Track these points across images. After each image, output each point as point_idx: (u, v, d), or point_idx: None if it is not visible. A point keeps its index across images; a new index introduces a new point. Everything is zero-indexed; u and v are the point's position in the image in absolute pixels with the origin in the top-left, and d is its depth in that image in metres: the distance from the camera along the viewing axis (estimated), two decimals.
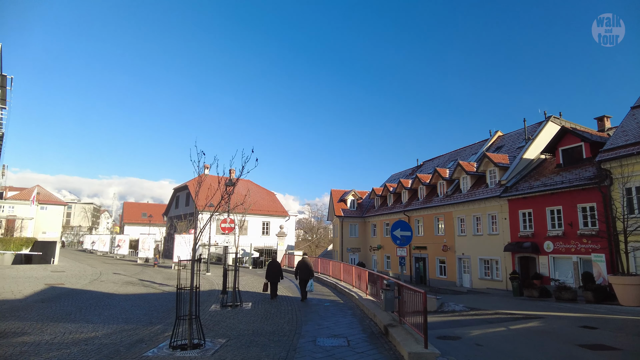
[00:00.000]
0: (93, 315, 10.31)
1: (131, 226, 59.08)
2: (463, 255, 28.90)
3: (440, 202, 31.37)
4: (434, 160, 42.04)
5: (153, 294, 14.99)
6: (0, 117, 26.78)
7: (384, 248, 39.48)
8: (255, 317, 10.56)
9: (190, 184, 42.78)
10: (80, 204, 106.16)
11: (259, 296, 14.82)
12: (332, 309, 12.23)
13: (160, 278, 20.75)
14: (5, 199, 68.41)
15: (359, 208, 43.90)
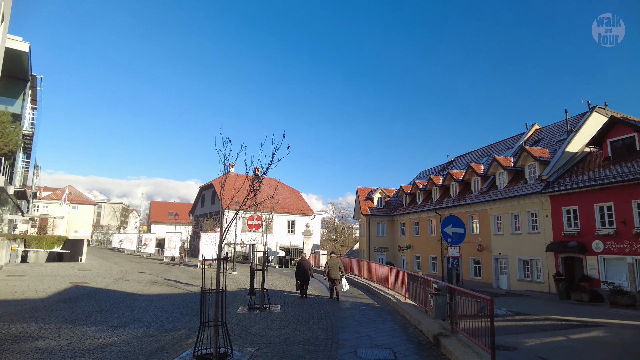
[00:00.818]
0: (114, 318, 9.64)
1: (158, 225, 59.59)
2: (500, 255, 27.30)
3: (475, 199, 29.81)
4: (466, 156, 40.29)
5: (177, 294, 14.35)
6: (31, 117, 26.98)
7: (413, 248, 38.10)
8: (286, 322, 9.67)
9: (215, 182, 42.50)
10: (109, 204, 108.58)
11: (288, 297, 13.95)
12: (369, 313, 11.22)
13: (185, 277, 20.22)
14: (40, 198, 70.51)
15: (387, 206, 42.61)
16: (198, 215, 45.82)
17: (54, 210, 64.73)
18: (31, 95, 27.58)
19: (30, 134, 26.33)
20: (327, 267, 14.10)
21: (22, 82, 24.36)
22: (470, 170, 31.45)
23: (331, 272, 13.91)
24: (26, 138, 26.01)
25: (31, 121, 26.65)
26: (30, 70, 23.91)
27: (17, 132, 21.98)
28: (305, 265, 14.22)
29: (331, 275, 13.90)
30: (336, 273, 13.92)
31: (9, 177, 23.00)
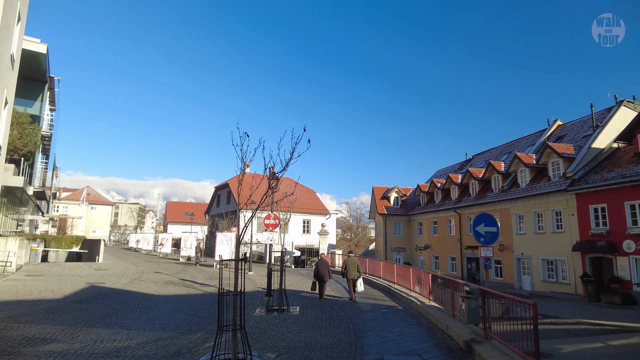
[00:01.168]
0: (129, 320, 9.37)
1: (174, 225, 59.94)
2: (522, 256, 26.44)
3: (496, 197, 28.96)
4: (485, 153, 39.35)
5: (194, 295, 14.08)
6: (50, 118, 27.20)
7: (431, 248, 37.35)
8: (306, 325, 9.26)
9: (231, 182, 42.43)
10: (126, 204, 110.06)
11: (306, 299, 13.55)
12: (392, 316, 10.73)
13: (201, 278, 20.01)
14: (59, 199, 71.76)
15: (403, 205, 41.90)
16: (214, 215, 45.84)
17: (73, 211, 65.76)
18: (49, 97, 27.80)
19: (49, 135, 26.52)
20: (344, 267, 13.97)
21: (40, 84, 24.53)
22: (491, 168, 30.59)
23: (349, 272, 13.75)
24: (45, 139, 26.22)
25: (50, 122, 26.86)
26: (48, 72, 24.05)
27: (35, 133, 22.11)
28: (324, 265, 14.08)
29: (349, 276, 13.73)
30: (354, 273, 13.73)
31: (29, 178, 23.15)
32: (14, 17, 13.35)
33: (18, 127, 20.99)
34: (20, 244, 20.82)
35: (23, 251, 21.69)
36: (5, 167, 19.31)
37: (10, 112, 15.93)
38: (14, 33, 13.82)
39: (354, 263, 13.87)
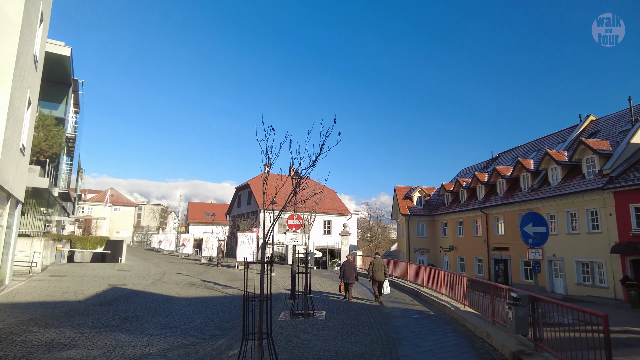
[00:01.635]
0: (150, 324, 9.02)
1: (196, 225, 60.30)
2: (554, 257, 25.23)
3: (525, 196, 27.79)
4: (512, 151, 37.99)
5: (216, 297, 13.72)
6: (74, 120, 27.49)
7: (456, 249, 36.27)
8: (335, 332, 8.71)
9: (251, 182, 42.28)
10: (149, 205, 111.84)
11: (331, 302, 13.01)
12: (425, 322, 10.07)
13: (223, 279, 19.70)
14: (84, 201, 73.39)
15: (427, 205, 40.89)
16: (235, 216, 45.83)
17: (97, 212, 67.08)
18: (73, 99, 28.11)
19: (73, 137, 26.78)
20: (370, 269, 13.66)
21: (64, 87, 24.76)
22: (519, 166, 29.40)
23: (375, 274, 13.45)
24: (69, 141, 26.49)
25: (74, 125, 27.12)
26: (73, 75, 24.24)
27: (60, 135, 22.28)
28: (350, 266, 13.90)
29: (375, 277, 13.45)
30: (381, 275, 13.44)
31: (54, 179, 23.36)
32: (37, 17, 13.29)
33: (43, 130, 21.18)
34: (46, 244, 20.97)
35: (48, 251, 21.86)
36: (31, 168, 19.47)
37: (35, 113, 15.98)
38: (37, 33, 13.78)
39: (380, 264, 13.60)
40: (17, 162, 12.51)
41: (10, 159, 11.18)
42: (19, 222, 15.05)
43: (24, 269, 18.03)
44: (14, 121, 11.09)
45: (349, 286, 13.78)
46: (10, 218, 13.39)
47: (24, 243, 18.37)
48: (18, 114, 11.75)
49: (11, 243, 14.04)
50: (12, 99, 10.46)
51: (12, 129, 11.02)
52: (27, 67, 12.44)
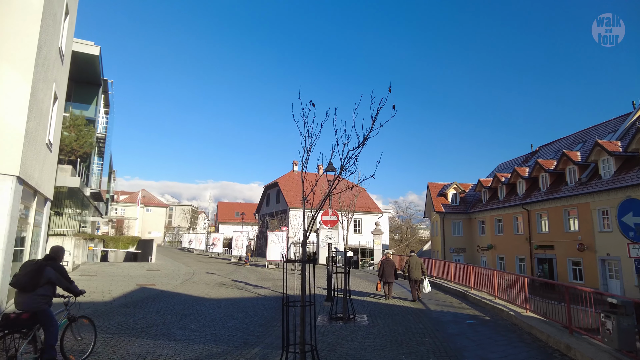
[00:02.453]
0: (177, 328, 8.25)
1: (225, 225, 60.39)
2: (608, 257, 23.23)
3: (572, 191, 25.80)
4: (554, 144, 35.73)
5: (247, 298, 12.93)
6: (105, 121, 27.55)
7: (495, 248, 34.37)
8: (382, 340, 7.68)
9: (280, 181, 41.69)
10: (180, 206, 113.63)
11: (370, 305, 11.97)
12: (482, 329, 8.88)
13: (254, 279, 18.97)
14: (117, 202, 75.12)
15: (462, 203, 39.07)
16: (264, 215, 45.37)
17: (130, 213, 68.40)
18: (104, 100, 28.18)
19: (103, 136, 26.81)
20: (407, 268, 13.36)
21: (94, 87, 24.70)
22: (565, 159, 27.40)
23: (412, 273, 13.13)
24: (100, 141, 26.53)
25: (104, 125, 27.15)
26: (102, 75, 24.16)
27: (91, 135, 22.21)
28: (389, 265, 13.45)
29: (412, 276, 13.14)
30: (418, 274, 13.12)
31: (85, 179, 23.30)
32: (61, 8, 12.88)
33: (75, 129, 21.15)
34: (77, 243, 20.88)
35: (80, 251, 21.80)
36: (62, 168, 19.37)
37: (62, 110, 15.68)
38: (62, 26, 13.39)
39: (417, 263, 13.29)
40: (43, 158, 12.10)
41: (34, 153, 10.72)
42: (48, 221, 14.74)
43: None
44: (37, 114, 10.62)
45: (389, 285, 13.42)
46: (38, 216, 13.04)
47: (55, 242, 18.24)
48: (43, 107, 11.31)
49: (40, 242, 13.70)
50: (34, 90, 9.97)
51: (36, 122, 10.56)
52: (52, 59, 12.00)
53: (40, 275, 5.23)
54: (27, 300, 5.14)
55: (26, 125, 9.43)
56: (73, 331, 6.10)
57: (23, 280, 5.16)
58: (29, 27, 9.73)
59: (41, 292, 5.22)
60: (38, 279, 5.20)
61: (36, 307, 5.15)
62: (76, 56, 19.40)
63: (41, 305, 5.21)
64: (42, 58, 10.50)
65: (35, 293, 5.17)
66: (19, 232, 11.02)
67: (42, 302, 5.23)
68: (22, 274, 5.21)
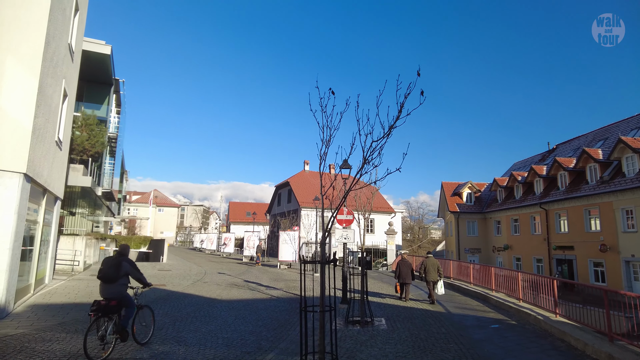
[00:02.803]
0: (188, 332, 7.89)
1: (236, 225, 60.30)
2: (632, 258, 22.34)
3: (593, 190, 24.93)
4: (572, 141, 34.73)
5: (260, 300, 12.55)
6: (116, 120, 27.48)
7: (511, 248, 33.53)
8: (404, 346, 7.21)
9: (291, 180, 41.36)
10: (191, 206, 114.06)
11: (388, 307, 11.49)
12: (509, 334, 8.35)
13: (266, 279, 18.61)
14: (130, 202, 75.61)
15: (477, 202, 38.26)
16: (275, 215, 45.11)
17: (142, 213, 68.73)
18: (115, 100, 28.12)
19: (115, 136, 26.71)
20: (423, 269, 13.18)
21: (106, 87, 24.62)
22: (585, 157, 26.52)
23: (429, 274, 12.95)
24: (111, 141, 26.44)
25: (116, 125, 27.07)
26: (114, 74, 24.05)
27: (102, 134, 22.13)
28: (406, 266, 13.14)
29: (428, 278, 12.95)
30: (434, 275, 12.95)
31: (97, 179, 23.22)
32: (70, 4, 12.66)
33: (86, 129, 21.09)
34: (89, 243, 20.75)
35: (92, 250, 21.69)
36: (74, 167, 19.28)
37: (72, 107, 15.51)
38: (71, 22, 13.18)
39: (433, 264, 13.09)
40: (52, 156, 11.88)
41: (42, 151, 10.48)
42: (58, 220, 14.56)
43: (67, 267, 17.77)
44: (46, 110, 10.38)
45: (406, 286, 13.18)
46: (48, 215, 12.84)
47: (66, 242, 18.13)
48: (52, 103, 11.08)
49: (50, 241, 13.53)
50: (42, 86, 9.72)
51: (44, 119, 10.32)
52: (61, 55, 11.77)
53: (119, 268, 6.32)
54: (113, 289, 6.26)
55: (34, 121, 9.18)
56: (139, 318, 6.97)
57: (108, 273, 6.24)
58: (37, 21, 9.49)
59: (121, 282, 6.37)
60: (119, 271, 6.29)
61: (120, 295, 6.32)
62: (87, 55, 19.29)
63: (123, 292, 6.39)
64: (50, 53, 10.26)
65: (118, 283, 6.31)
66: (28, 231, 10.81)
67: (123, 290, 6.39)
68: (106, 268, 6.29)
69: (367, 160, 4.90)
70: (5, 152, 8.70)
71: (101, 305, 6.00)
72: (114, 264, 6.33)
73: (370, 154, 4.83)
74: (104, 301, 6.09)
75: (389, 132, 4.66)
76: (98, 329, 5.91)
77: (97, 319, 5.90)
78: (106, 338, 5.93)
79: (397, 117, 4.62)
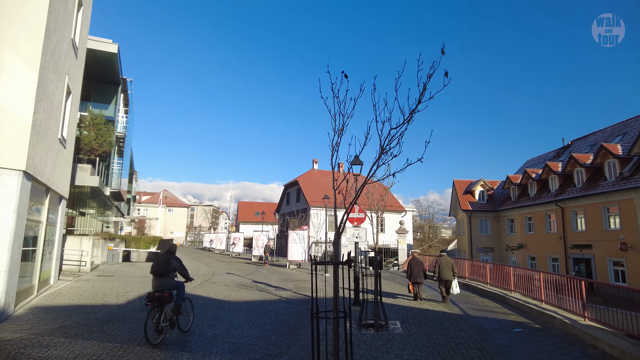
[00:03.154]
0: (192, 336, 7.49)
1: (245, 225, 60.09)
2: None
3: (612, 186, 24.10)
4: (588, 137, 33.77)
5: (269, 301, 12.13)
6: (124, 120, 27.30)
7: (526, 247, 32.72)
8: (422, 352, 6.71)
9: (300, 179, 40.95)
10: (201, 206, 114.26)
11: (403, 310, 10.99)
12: (536, 340, 7.80)
13: (275, 279, 18.20)
14: (140, 202, 75.92)
15: (490, 200, 37.46)
16: (284, 214, 44.74)
17: (152, 213, 68.92)
18: (123, 99, 27.95)
19: (123, 135, 26.52)
20: (437, 268, 12.93)
21: (114, 86, 24.44)
22: (603, 152, 25.66)
23: (443, 273, 12.74)
24: (119, 140, 26.26)
25: (124, 124, 26.89)
26: (121, 73, 23.85)
27: (110, 134, 21.96)
28: (418, 264, 12.87)
29: (443, 277, 12.74)
30: (448, 274, 12.70)
31: (105, 178, 23.04)
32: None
33: (94, 129, 20.95)
34: (96, 243, 20.53)
35: (99, 250, 21.47)
36: (81, 167, 19.08)
37: (77, 105, 15.23)
38: (74, 16, 12.89)
39: (447, 263, 12.86)
40: (55, 154, 11.58)
41: (44, 148, 10.17)
42: (63, 220, 14.30)
43: (74, 268, 17.55)
44: (47, 106, 10.07)
45: (419, 286, 12.95)
46: (52, 214, 12.56)
47: (72, 242, 17.92)
48: (54, 100, 10.77)
49: (55, 241, 13.25)
50: (43, 80, 9.40)
51: (46, 115, 10.00)
52: (63, 50, 11.46)
53: (168, 264, 7.38)
54: (164, 283, 7.31)
55: (33, 116, 8.85)
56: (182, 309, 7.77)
57: (160, 269, 7.28)
58: (36, 12, 9.14)
59: (171, 276, 7.49)
60: (168, 267, 7.35)
61: (170, 287, 7.40)
62: (94, 54, 19.10)
63: (172, 284, 7.49)
64: (51, 47, 9.94)
65: (168, 277, 7.39)
66: (30, 231, 10.52)
67: (172, 283, 7.50)
68: (158, 265, 7.34)
69: (384, 150, 4.42)
70: (4, 149, 8.38)
71: (155, 297, 6.89)
72: (164, 260, 7.39)
73: (388, 143, 4.35)
74: (157, 293, 7.00)
75: (410, 117, 4.17)
76: (152, 317, 6.77)
77: (152, 308, 6.78)
78: (160, 325, 6.81)
79: (419, 99, 4.13)
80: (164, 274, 7.23)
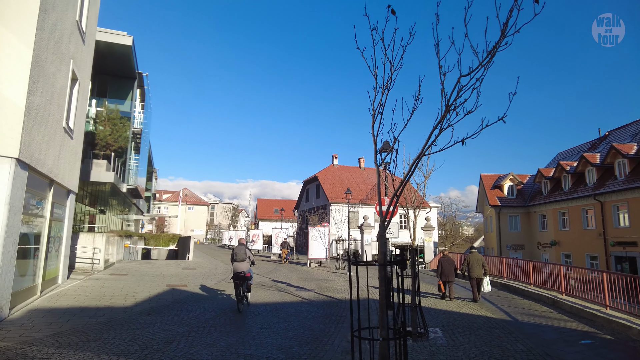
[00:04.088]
0: (202, 347, 6.43)
1: (265, 222, 59.39)
2: None
3: None
4: (628, 127, 31.48)
5: (289, 303, 11.04)
6: (141, 116, 26.69)
7: (559, 245, 30.75)
8: None
9: (320, 175, 39.82)
10: (221, 205, 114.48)
11: (441, 314, 9.73)
12: (613, 356, 6.44)
13: (295, 279, 17.12)
14: (160, 201, 76.22)
15: (520, 195, 35.52)
16: (303, 211, 43.69)
17: (173, 211, 69.02)
18: (139, 94, 27.33)
19: (139, 131, 25.90)
20: (466, 265, 12.51)
21: (129, 81, 23.79)
22: None
23: (473, 271, 12.28)
24: (136, 136, 25.65)
25: (141, 120, 26.29)
26: (137, 68, 23.18)
27: (125, 129, 21.37)
28: (448, 263, 12.38)
29: (473, 274, 12.27)
30: (479, 271, 12.26)
31: (121, 175, 22.43)
32: None
33: (109, 124, 20.40)
34: (111, 240, 19.85)
35: (115, 248, 20.81)
36: (97, 162, 18.44)
37: (86, 94, 14.43)
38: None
39: (478, 260, 12.44)
40: (59, 144, 10.74)
41: (44, 135, 9.29)
42: (72, 216, 13.52)
43: (87, 266, 16.85)
44: (47, 90, 9.19)
45: (450, 284, 12.39)
46: (58, 209, 11.76)
47: (85, 239, 17.22)
48: (55, 84, 9.89)
49: (63, 238, 12.46)
50: (40, 60, 8.50)
51: (45, 99, 9.12)
52: (66, 31, 10.59)
53: (246, 252, 10.02)
54: (245, 266, 9.92)
55: (27, 98, 7.94)
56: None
57: (241, 256, 9.90)
58: None
59: (247, 261, 10.02)
60: (245, 254, 9.97)
61: (248, 269, 9.97)
62: (109, 48, 18.48)
63: (248, 267, 10.00)
64: (49, 24, 9.03)
65: (246, 262, 9.98)
66: (31, 227, 9.69)
67: (249, 266, 10.05)
68: (239, 253, 9.94)
69: (450, 107, 3.20)
70: None
71: (240, 276, 9.60)
72: (243, 250, 10.00)
73: (456, 96, 3.13)
74: (241, 273, 9.67)
75: (490, 57, 2.94)
76: (237, 291, 9.54)
77: (237, 285, 9.57)
78: (242, 295, 9.58)
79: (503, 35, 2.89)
80: (243, 259, 9.86)
